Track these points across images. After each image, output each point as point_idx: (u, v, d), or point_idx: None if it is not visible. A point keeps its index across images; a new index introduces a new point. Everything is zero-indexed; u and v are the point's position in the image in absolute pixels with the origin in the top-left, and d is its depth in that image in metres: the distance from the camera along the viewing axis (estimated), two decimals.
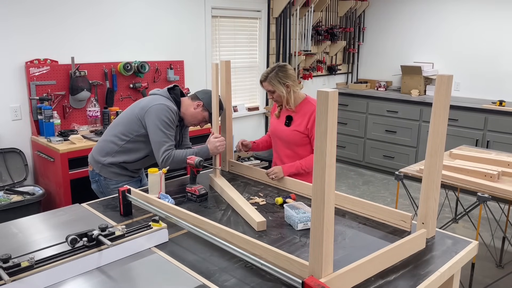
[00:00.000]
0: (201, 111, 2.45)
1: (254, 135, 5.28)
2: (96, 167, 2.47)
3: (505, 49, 5.07)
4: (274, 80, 2.44)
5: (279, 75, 2.43)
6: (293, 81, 2.47)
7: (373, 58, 6.36)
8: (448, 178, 2.79)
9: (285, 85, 2.44)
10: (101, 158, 2.45)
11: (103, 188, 2.49)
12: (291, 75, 2.46)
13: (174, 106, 2.38)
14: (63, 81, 3.50)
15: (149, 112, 2.33)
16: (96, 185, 2.52)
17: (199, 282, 1.40)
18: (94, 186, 2.54)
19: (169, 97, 2.41)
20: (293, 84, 2.47)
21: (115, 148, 2.42)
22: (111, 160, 2.43)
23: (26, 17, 3.31)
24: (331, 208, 1.26)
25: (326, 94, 1.18)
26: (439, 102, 1.58)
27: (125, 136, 2.40)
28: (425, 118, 5.18)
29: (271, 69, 2.47)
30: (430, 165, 1.66)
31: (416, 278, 1.46)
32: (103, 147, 2.46)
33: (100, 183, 2.49)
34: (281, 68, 2.45)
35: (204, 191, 2.15)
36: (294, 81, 2.48)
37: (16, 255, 1.46)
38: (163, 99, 2.38)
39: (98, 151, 2.48)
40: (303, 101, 2.52)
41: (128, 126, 2.40)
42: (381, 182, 5.44)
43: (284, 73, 2.44)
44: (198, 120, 2.49)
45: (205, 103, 2.44)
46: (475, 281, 3.03)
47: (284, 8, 5.09)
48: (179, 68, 4.26)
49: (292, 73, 2.48)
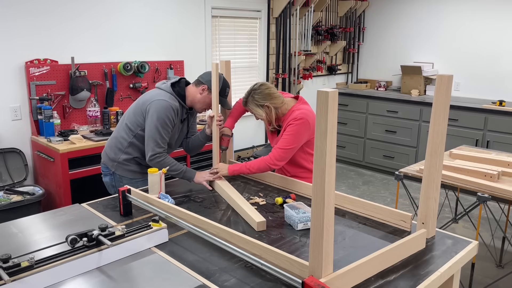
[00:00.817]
0: (207, 94, 2.43)
1: (254, 135, 5.28)
2: (112, 166, 2.49)
3: (505, 49, 5.07)
4: (251, 104, 2.38)
5: (255, 98, 2.36)
6: (273, 98, 2.34)
7: (373, 58, 6.36)
8: (448, 178, 2.79)
9: (263, 106, 2.35)
10: (114, 156, 2.47)
11: (116, 182, 2.51)
12: (268, 94, 2.35)
13: (175, 103, 2.38)
14: (63, 81, 3.50)
15: (150, 107, 2.34)
16: (109, 178, 2.54)
17: (199, 282, 1.40)
18: (107, 179, 2.55)
19: (172, 93, 2.40)
20: (274, 102, 2.34)
21: (125, 143, 2.43)
22: (125, 156, 2.45)
23: (26, 17, 3.31)
24: (331, 208, 1.26)
25: (326, 94, 1.18)
26: (439, 102, 1.58)
27: (133, 130, 2.42)
28: (425, 118, 5.18)
29: (247, 93, 2.40)
30: (430, 165, 1.66)
31: (416, 278, 1.46)
32: (115, 144, 2.48)
33: (114, 177, 2.51)
34: (255, 91, 2.37)
35: None
36: (274, 98, 2.35)
37: (16, 255, 1.46)
38: (166, 96, 2.37)
39: (110, 148, 2.50)
40: (288, 112, 2.38)
41: (134, 119, 2.42)
42: (381, 182, 5.44)
43: (260, 95, 2.34)
44: (207, 104, 2.48)
45: (209, 85, 2.41)
46: (475, 281, 3.03)
47: (284, 8, 5.09)
48: (179, 68, 4.26)
49: (269, 91, 2.35)
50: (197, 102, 2.46)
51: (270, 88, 2.38)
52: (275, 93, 2.38)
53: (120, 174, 2.48)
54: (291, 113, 2.36)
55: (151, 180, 2.14)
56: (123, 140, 2.45)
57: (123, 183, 2.45)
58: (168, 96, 2.38)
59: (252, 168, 2.35)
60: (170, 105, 2.34)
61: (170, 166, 2.32)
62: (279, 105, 2.37)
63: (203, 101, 2.45)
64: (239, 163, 2.43)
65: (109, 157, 2.50)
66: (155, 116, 2.31)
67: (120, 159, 2.46)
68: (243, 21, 4.96)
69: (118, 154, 2.46)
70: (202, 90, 2.43)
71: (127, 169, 2.47)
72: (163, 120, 2.31)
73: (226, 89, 2.43)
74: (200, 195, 2.24)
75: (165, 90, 2.41)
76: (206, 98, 2.44)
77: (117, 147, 2.47)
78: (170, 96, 2.38)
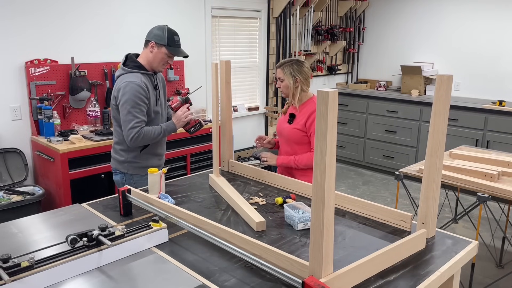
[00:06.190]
0: (157, 50, 2.40)
1: (254, 135, 5.28)
2: (124, 168, 2.50)
3: (506, 49, 5.07)
4: (286, 69, 2.51)
5: (293, 67, 2.51)
6: (305, 78, 2.53)
7: (373, 58, 6.36)
8: (448, 178, 2.79)
9: (295, 78, 2.51)
10: (122, 158, 2.49)
11: (126, 180, 2.52)
12: (304, 72, 2.53)
13: (138, 76, 2.36)
14: (63, 81, 3.50)
15: (118, 96, 2.36)
16: (120, 177, 2.55)
17: (199, 282, 1.40)
18: (118, 177, 2.57)
19: (129, 70, 2.39)
20: (303, 82, 2.54)
21: (124, 143, 2.44)
22: (132, 154, 2.46)
23: (26, 17, 3.31)
24: (331, 208, 1.26)
25: (326, 94, 1.18)
26: (439, 102, 1.58)
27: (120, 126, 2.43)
28: (425, 118, 5.18)
29: (289, 60, 2.55)
30: (430, 165, 1.66)
31: (416, 278, 1.46)
32: (118, 148, 2.51)
33: (125, 175, 2.52)
34: (298, 62, 2.53)
35: None
36: (306, 79, 2.54)
37: (16, 255, 1.46)
38: (126, 77, 2.37)
39: (116, 152, 2.53)
40: (308, 100, 2.58)
41: (117, 117, 2.45)
42: (381, 182, 5.44)
43: (299, 68, 2.51)
44: (162, 59, 2.42)
45: (155, 40, 2.39)
46: (475, 281, 3.03)
47: (284, 8, 5.09)
48: (179, 68, 4.26)
49: (307, 71, 2.54)
50: (152, 62, 2.42)
51: (308, 69, 2.57)
52: (309, 77, 2.58)
53: (132, 173, 2.50)
54: (310, 101, 2.55)
55: (151, 180, 2.14)
56: (121, 141, 2.46)
57: (134, 180, 2.48)
58: (128, 76, 2.37)
59: (299, 163, 2.51)
60: (132, 83, 2.33)
61: (151, 136, 2.36)
62: (306, 89, 2.56)
63: (156, 58, 2.41)
64: (287, 156, 2.57)
65: (118, 161, 2.52)
66: (123, 100, 2.33)
67: (129, 158, 2.48)
68: (243, 21, 4.96)
69: (124, 155, 2.48)
70: (151, 48, 2.40)
71: (138, 166, 2.49)
72: (131, 100, 2.31)
73: (173, 38, 2.38)
74: (200, 195, 2.24)
75: (122, 74, 2.40)
76: (158, 53, 2.40)
77: (120, 149, 2.49)
78: (129, 75, 2.37)
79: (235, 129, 4.93)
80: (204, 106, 4.55)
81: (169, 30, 2.39)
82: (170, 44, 2.37)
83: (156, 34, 2.38)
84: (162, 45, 2.38)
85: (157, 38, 2.38)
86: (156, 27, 2.42)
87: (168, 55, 2.42)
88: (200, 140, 3.97)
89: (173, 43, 2.39)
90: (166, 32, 2.37)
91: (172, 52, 2.40)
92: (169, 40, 2.37)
